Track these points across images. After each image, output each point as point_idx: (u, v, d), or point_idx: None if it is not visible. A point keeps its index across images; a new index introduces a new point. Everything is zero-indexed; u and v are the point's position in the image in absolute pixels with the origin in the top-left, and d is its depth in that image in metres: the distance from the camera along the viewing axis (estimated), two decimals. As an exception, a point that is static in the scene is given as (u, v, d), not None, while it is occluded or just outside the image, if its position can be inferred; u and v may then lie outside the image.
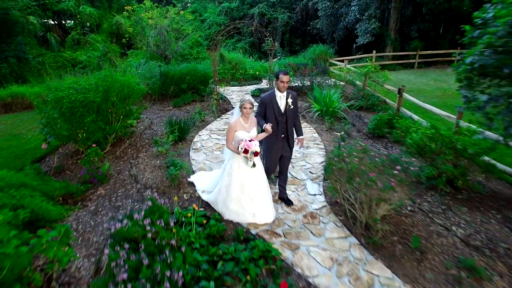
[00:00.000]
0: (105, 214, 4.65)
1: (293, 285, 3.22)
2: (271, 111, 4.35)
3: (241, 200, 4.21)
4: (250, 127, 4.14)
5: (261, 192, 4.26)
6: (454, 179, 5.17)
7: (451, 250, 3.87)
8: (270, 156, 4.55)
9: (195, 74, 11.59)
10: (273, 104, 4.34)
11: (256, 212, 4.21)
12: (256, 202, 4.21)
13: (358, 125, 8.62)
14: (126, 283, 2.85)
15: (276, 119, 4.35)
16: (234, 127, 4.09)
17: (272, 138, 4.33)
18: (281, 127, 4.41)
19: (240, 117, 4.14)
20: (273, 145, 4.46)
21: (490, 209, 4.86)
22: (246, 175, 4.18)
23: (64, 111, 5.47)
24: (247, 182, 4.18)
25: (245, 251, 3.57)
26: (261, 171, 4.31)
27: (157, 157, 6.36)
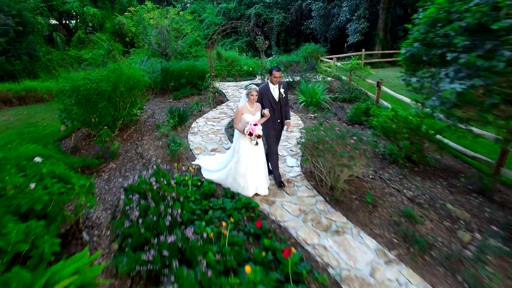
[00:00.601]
0: (116, 181, 5.53)
1: (267, 225, 4.11)
2: (267, 101, 4.98)
3: (246, 176, 4.89)
4: (255, 111, 4.81)
5: (262, 168, 5.00)
6: (410, 154, 6.07)
7: (397, 205, 4.77)
8: (270, 138, 5.15)
9: (193, 70, 12.46)
10: (268, 94, 4.99)
11: (258, 185, 4.94)
12: (258, 177, 4.91)
13: (340, 114, 9.50)
14: (138, 219, 3.73)
15: (272, 107, 5.01)
16: (241, 110, 4.71)
17: (270, 123, 5.06)
18: (277, 113, 5.09)
19: (247, 102, 4.74)
20: (271, 129, 5.12)
21: (439, 179, 5.75)
22: (250, 153, 4.83)
23: (81, 98, 6.34)
24: (251, 160, 4.85)
25: (230, 203, 4.47)
26: (262, 151, 5.05)
27: (160, 139, 7.24)
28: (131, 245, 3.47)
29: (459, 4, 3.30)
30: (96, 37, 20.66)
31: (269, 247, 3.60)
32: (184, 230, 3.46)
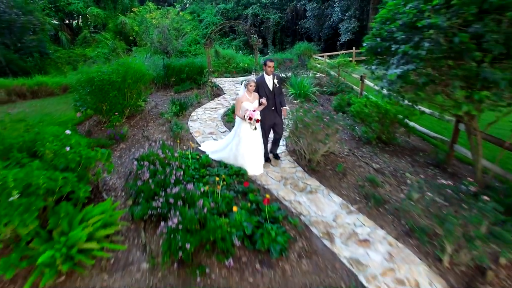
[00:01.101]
0: (127, 158, 6.40)
1: (253, 186, 4.99)
2: (263, 90, 5.51)
3: (245, 156, 5.58)
4: (253, 100, 5.36)
5: (259, 150, 5.70)
6: (381, 135, 6.96)
7: (364, 174, 5.64)
8: (265, 124, 5.74)
9: (193, 66, 13.31)
10: (264, 85, 5.53)
11: (255, 164, 5.61)
12: (255, 158, 5.58)
13: (326, 105, 10.38)
14: (148, 179, 4.60)
15: (267, 96, 5.53)
16: (241, 99, 5.31)
17: (265, 110, 5.56)
18: (271, 102, 5.63)
19: (246, 92, 5.33)
20: (266, 115, 5.64)
21: (405, 156, 6.62)
22: (249, 136, 5.46)
23: (94, 88, 7.20)
24: (250, 142, 5.48)
25: (223, 170, 5.36)
26: (259, 135, 5.63)
27: (163, 125, 8.11)
28: (144, 198, 4.35)
29: (400, 7, 4.19)
30: (101, 36, 21.51)
31: (253, 200, 4.48)
32: (185, 185, 4.33)
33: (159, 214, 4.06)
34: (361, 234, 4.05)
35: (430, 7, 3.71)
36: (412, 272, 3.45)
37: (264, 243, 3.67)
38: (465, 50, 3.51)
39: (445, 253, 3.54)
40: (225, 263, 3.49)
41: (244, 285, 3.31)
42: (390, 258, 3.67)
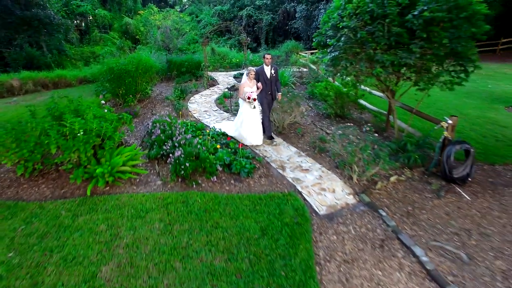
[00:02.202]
0: (141, 127, 8.25)
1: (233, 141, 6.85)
2: (262, 78, 6.72)
3: (246, 130, 6.77)
4: (253, 85, 6.61)
5: (258, 125, 6.85)
6: (337, 110, 8.82)
7: (318, 135, 7.51)
8: (263, 105, 6.97)
9: (191, 61, 15.12)
10: (262, 73, 6.74)
11: (255, 136, 6.85)
12: (254, 131, 6.81)
13: (303, 93, 12.24)
14: (160, 135, 6.44)
15: (265, 82, 6.76)
16: (244, 84, 6.56)
17: (264, 94, 6.84)
18: (268, 87, 6.86)
19: (247, 79, 6.57)
20: (264, 98, 6.91)
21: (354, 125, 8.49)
22: (250, 115, 6.70)
23: (114, 75, 9.04)
24: (250, 119, 6.72)
25: (213, 132, 7.22)
26: (258, 114, 6.84)
27: (168, 106, 9.96)
28: (157, 145, 6.20)
29: (332, 14, 6.06)
30: (108, 36, 23.32)
31: (232, 147, 6.35)
32: (186, 136, 6.18)
33: (167, 154, 5.89)
34: (304, 166, 5.93)
35: (346, 15, 5.58)
36: (332, 185, 5.33)
37: (237, 168, 5.54)
38: (365, 41, 5.39)
39: (354, 173, 5.42)
40: (211, 179, 5.36)
41: (222, 191, 5.17)
42: (320, 178, 5.55)
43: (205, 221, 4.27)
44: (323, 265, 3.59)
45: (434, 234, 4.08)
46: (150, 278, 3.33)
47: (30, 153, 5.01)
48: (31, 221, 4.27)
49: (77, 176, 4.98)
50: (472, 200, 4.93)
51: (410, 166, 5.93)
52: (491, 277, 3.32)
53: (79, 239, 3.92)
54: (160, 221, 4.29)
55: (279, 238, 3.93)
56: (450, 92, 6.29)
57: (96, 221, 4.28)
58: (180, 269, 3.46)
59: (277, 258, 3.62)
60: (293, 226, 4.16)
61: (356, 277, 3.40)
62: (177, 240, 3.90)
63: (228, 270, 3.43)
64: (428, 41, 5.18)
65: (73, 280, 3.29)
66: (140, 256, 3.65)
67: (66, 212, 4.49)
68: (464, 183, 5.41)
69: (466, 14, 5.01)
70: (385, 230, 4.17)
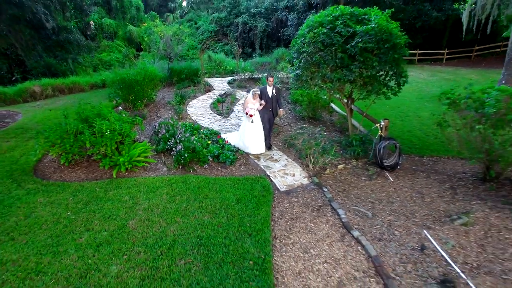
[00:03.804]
0: (148, 127, 9.93)
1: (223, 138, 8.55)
2: (264, 96, 7.69)
3: (248, 140, 7.72)
4: (256, 102, 7.55)
5: (259, 136, 7.74)
6: (309, 113, 10.53)
7: (290, 134, 9.18)
8: (264, 119, 7.82)
9: (190, 69, 16.77)
10: (265, 93, 7.72)
11: (257, 146, 7.78)
12: (256, 141, 7.73)
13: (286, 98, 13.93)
14: (165, 133, 8.13)
15: (267, 100, 7.72)
16: (248, 101, 7.50)
17: (265, 110, 7.77)
18: (269, 104, 7.79)
19: (251, 97, 7.54)
20: (265, 114, 7.82)
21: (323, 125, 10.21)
22: (250, 127, 7.61)
23: (125, 84, 10.72)
24: (251, 131, 7.65)
25: (207, 131, 8.93)
26: (258, 127, 7.71)
27: (170, 110, 11.65)
28: (163, 141, 7.90)
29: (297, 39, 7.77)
30: (114, 43, 24.99)
31: (221, 143, 8.06)
32: (185, 134, 7.88)
33: (171, 148, 7.58)
34: (274, 157, 7.65)
35: (306, 42, 7.29)
36: (293, 171, 7.05)
37: (223, 159, 7.26)
38: (319, 63, 7.11)
39: (310, 162, 7.14)
40: (203, 166, 7.08)
41: (212, 174, 6.87)
42: (285, 166, 7.27)
43: (198, 194, 5.98)
44: (276, 220, 5.31)
45: (356, 202, 5.81)
46: (161, 227, 5.03)
47: (70, 147, 6.69)
48: (76, 194, 5.97)
49: (105, 164, 6.68)
50: (394, 181, 6.65)
51: (356, 157, 7.65)
52: (381, 225, 5.05)
53: (111, 205, 5.62)
54: (167, 194, 5.99)
55: (249, 205, 5.64)
56: (416, 96, 8.12)
57: (122, 194, 5.99)
58: (180, 222, 5.16)
59: (245, 216, 5.32)
60: (260, 197, 5.87)
61: (296, 227, 5.11)
62: (179, 206, 5.61)
63: (212, 223, 5.14)
64: (364, 64, 6.90)
65: (112, 227, 5.00)
66: (153, 215, 5.35)
67: (99, 188, 6.20)
68: (394, 169, 7.14)
69: (389, 45, 6.73)
70: (323, 200, 5.90)
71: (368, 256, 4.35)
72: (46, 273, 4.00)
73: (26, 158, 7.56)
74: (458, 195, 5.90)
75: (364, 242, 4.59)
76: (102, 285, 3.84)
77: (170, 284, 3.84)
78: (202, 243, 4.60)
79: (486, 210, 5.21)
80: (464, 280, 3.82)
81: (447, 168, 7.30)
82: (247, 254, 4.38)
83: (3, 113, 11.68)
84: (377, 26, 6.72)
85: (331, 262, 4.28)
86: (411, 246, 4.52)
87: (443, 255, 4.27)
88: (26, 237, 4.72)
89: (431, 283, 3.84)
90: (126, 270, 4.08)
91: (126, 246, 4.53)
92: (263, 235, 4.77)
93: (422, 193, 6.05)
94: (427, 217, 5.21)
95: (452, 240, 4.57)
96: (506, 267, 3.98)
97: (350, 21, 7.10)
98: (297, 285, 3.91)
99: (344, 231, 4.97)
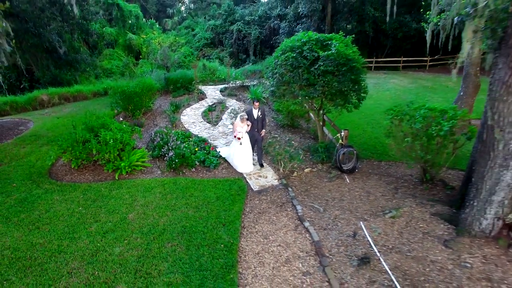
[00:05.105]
0: (146, 135, 11.16)
1: (209, 145, 9.80)
2: (251, 118, 8.34)
3: (237, 160, 8.30)
4: (244, 125, 8.09)
5: (247, 156, 8.26)
6: (289, 122, 11.77)
7: (268, 140, 10.44)
8: (252, 139, 8.41)
9: (185, 77, 17.99)
10: (251, 114, 8.35)
11: (244, 165, 8.28)
12: (244, 161, 8.25)
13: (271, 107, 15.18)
14: (159, 141, 9.37)
15: (253, 122, 8.34)
16: (236, 124, 8.06)
17: (252, 131, 8.35)
18: (255, 125, 8.39)
19: (240, 121, 8.08)
20: (252, 134, 8.39)
21: (299, 133, 11.44)
22: (238, 148, 8.18)
23: (125, 96, 11.94)
24: (239, 152, 8.23)
25: (196, 139, 10.19)
26: (248, 148, 8.26)
27: (166, 118, 12.88)
28: (157, 148, 9.14)
29: (271, 60, 9.02)
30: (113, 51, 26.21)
31: (207, 149, 9.32)
32: (177, 142, 9.12)
33: (164, 154, 8.81)
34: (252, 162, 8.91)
35: (278, 64, 8.55)
36: (266, 173, 8.30)
37: (208, 163, 8.52)
38: (289, 82, 8.38)
39: (280, 166, 8.40)
40: (191, 170, 8.33)
41: (198, 177, 8.12)
42: (260, 169, 8.53)
43: (185, 193, 7.23)
44: (246, 214, 6.56)
45: (313, 200, 7.07)
46: (154, 219, 6.27)
47: (79, 153, 7.93)
48: (86, 193, 7.21)
49: (109, 168, 7.93)
50: (350, 182, 7.91)
51: (322, 162, 8.91)
52: (328, 218, 6.31)
53: (114, 202, 6.87)
54: (160, 193, 7.24)
55: (226, 201, 6.89)
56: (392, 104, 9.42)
57: (123, 193, 7.23)
58: (170, 215, 6.41)
59: (222, 210, 6.57)
60: (236, 196, 7.13)
61: (261, 219, 6.36)
62: (169, 202, 6.86)
63: (195, 216, 6.38)
64: (326, 83, 8.16)
65: (115, 219, 6.24)
66: (148, 209, 6.60)
67: (104, 188, 7.45)
68: (352, 172, 8.39)
69: (346, 68, 7.99)
70: (287, 198, 7.16)
71: (312, 241, 5.61)
72: (66, 253, 5.25)
73: (42, 162, 8.79)
74: (398, 194, 7.16)
75: (311, 231, 5.85)
76: (108, 261, 5.08)
77: (159, 261, 5.09)
78: (185, 231, 5.84)
79: (413, 205, 6.47)
80: (378, 257, 5.09)
81: (398, 172, 8.55)
82: (220, 239, 5.63)
83: (17, 121, 12.89)
84: (336, 52, 7.98)
85: (283, 246, 5.53)
86: (347, 234, 5.78)
87: (369, 240, 5.53)
88: (48, 227, 5.97)
89: (354, 260, 5.11)
90: (126, 250, 5.33)
91: (127, 233, 5.78)
92: (234, 225, 6.02)
93: (369, 192, 7.32)
94: (366, 212, 6.46)
95: (380, 229, 5.83)
96: (412, 247, 5.25)
97: (315, 47, 8.38)
98: (255, 261, 5.17)
99: (298, 223, 6.22)
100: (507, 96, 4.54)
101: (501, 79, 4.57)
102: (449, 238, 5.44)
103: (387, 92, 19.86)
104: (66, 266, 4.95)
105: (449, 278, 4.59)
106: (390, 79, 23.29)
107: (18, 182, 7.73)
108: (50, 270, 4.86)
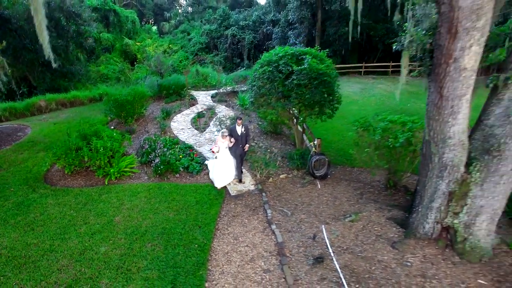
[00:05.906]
0: (138, 141, 11.79)
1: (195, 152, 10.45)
2: (235, 134, 8.42)
3: (215, 174, 8.43)
4: (225, 140, 8.28)
5: (225, 171, 8.40)
6: (272, 129, 12.43)
7: (252, 148, 11.10)
8: (235, 154, 8.55)
9: (178, 83, 18.62)
10: (234, 131, 8.43)
11: (221, 180, 8.37)
12: (222, 176, 8.36)
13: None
14: (147, 148, 10.02)
15: (237, 138, 8.43)
16: (218, 139, 8.27)
17: (237, 146, 8.45)
18: (239, 142, 8.48)
19: (221, 137, 8.31)
20: (236, 150, 8.50)
21: (280, 140, 12.10)
22: (219, 163, 8.34)
23: (118, 103, 12.58)
24: (219, 166, 8.37)
25: (183, 145, 10.84)
26: (230, 161, 8.47)
27: (156, 124, 13.53)
28: (146, 154, 9.78)
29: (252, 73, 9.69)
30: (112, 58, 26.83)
31: (192, 156, 9.97)
32: (164, 149, 9.77)
33: (152, 160, 9.46)
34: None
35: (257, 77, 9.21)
36: (245, 179, 8.95)
37: (192, 169, 9.18)
38: (266, 94, 9.04)
39: (257, 172, 9.06)
40: (175, 175, 8.99)
41: (181, 182, 8.77)
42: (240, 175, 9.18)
43: (168, 197, 7.88)
44: (221, 217, 7.22)
45: (284, 204, 7.73)
46: (138, 222, 6.92)
47: (72, 160, 8.56)
48: (77, 197, 7.86)
49: (100, 173, 8.58)
50: (321, 188, 8.58)
51: (297, 168, 9.57)
52: (294, 221, 6.97)
53: (103, 205, 7.51)
54: (145, 197, 7.89)
55: (204, 205, 7.55)
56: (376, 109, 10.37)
57: (111, 197, 7.88)
58: (152, 218, 7.05)
59: (200, 214, 7.22)
60: (214, 200, 7.78)
61: (235, 222, 7.01)
62: (152, 206, 7.51)
63: (175, 219, 7.03)
64: (299, 95, 8.82)
65: (102, 221, 6.89)
66: (133, 212, 7.24)
67: (94, 193, 8.09)
68: (324, 178, 9.05)
69: (317, 82, 8.64)
70: (260, 203, 7.82)
71: (276, 242, 6.27)
72: (57, 252, 5.90)
73: (38, 168, 9.42)
74: (362, 200, 7.82)
75: (277, 233, 6.51)
76: (94, 259, 5.73)
77: (139, 259, 5.74)
78: (165, 232, 6.50)
79: (372, 210, 7.13)
80: (331, 257, 5.76)
81: (367, 178, 9.22)
82: (195, 240, 6.28)
83: (15, 127, 13.52)
84: (308, 66, 8.65)
85: (250, 246, 6.20)
86: (308, 236, 6.44)
87: (326, 242, 6.20)
88: (42, 228, 6.61)
89: (310, 259, 5.77)
90: (111, 250, 5.98)
91: (112, 234, 6.43)
92: (209, 227, 6.68)
93: (336, 198, 7.99)
94: (329, 216, 7.13)
95: (339, 231, 6.50)
96: (364, 248, 5.91)
97: (290, 61, 9.05)
98: (223, 260, 5.83)
99: (266, 225, 6.88)
100: (438, 116, 5.21)
101: (433, 101, 5.25)
102: (398, 240, 6.10)
103: (373, 98, 20.50)
104: (56, 264, 5.59)
105: (390, 275, 5.26)
106: (377, 84, 23.88)
107: (16, 187, 8.37)
108: (42, 267, 5.50)
